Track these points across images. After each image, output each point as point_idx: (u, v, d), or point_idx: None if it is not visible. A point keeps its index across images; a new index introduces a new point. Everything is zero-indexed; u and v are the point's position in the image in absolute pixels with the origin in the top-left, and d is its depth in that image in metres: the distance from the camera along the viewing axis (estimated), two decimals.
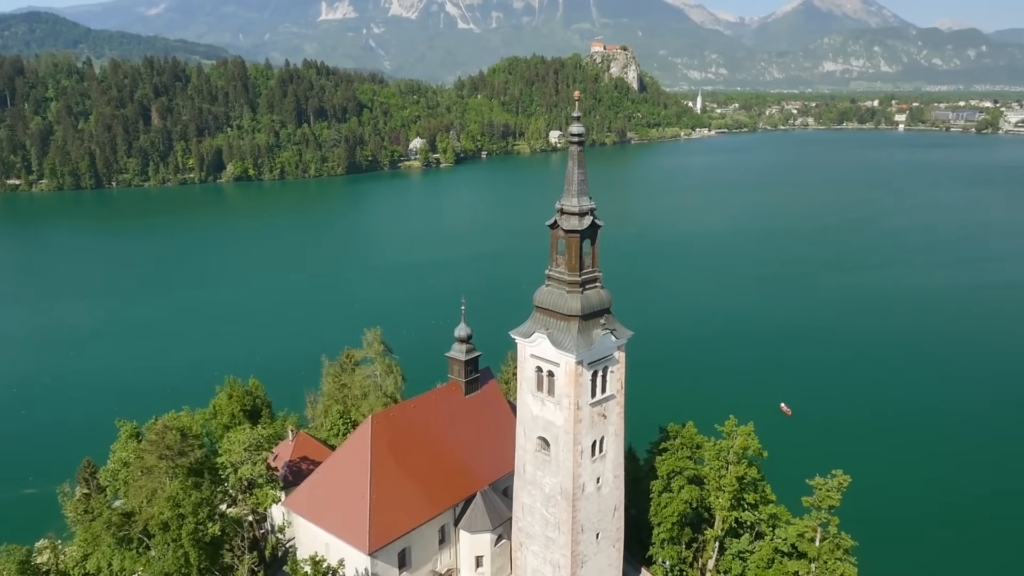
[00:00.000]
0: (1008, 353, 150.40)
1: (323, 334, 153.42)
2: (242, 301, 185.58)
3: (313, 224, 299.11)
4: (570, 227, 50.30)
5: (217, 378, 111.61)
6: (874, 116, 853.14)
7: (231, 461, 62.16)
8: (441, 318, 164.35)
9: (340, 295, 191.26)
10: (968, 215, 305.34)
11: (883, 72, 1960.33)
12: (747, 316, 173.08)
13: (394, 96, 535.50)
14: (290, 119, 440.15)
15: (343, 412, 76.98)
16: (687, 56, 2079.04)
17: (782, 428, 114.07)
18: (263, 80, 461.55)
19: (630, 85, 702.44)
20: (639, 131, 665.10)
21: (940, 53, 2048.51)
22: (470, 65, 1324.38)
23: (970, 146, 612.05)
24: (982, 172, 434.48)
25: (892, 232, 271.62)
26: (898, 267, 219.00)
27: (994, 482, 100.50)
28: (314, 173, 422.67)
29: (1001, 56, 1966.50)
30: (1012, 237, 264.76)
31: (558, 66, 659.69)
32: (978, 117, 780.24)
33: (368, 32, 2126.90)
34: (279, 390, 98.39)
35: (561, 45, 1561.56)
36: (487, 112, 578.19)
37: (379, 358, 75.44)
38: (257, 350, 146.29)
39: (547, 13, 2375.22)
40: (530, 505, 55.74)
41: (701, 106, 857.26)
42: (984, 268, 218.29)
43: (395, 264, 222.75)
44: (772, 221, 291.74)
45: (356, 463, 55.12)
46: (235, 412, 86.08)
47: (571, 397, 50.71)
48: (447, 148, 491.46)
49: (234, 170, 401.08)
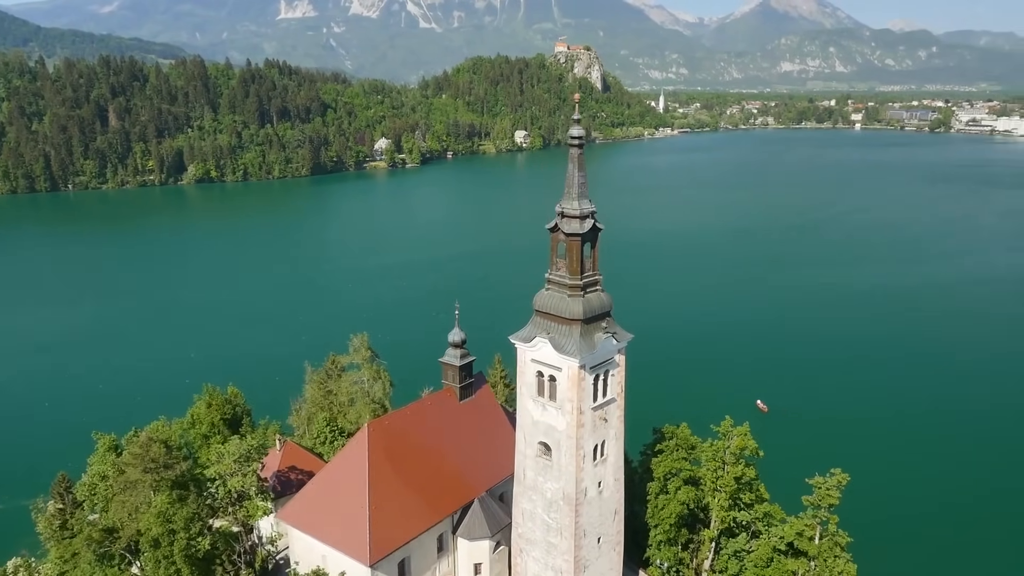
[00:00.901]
0: (977, 345, 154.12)
1: (300, 339, 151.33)
2: (214, 306, 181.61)
3: (282, 226, 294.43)
4: (571, 230, 49.87)
5: (192, 386, 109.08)
6: (831, 115, 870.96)
7: (220, 473, 60.55)
8: (420, 321, 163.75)
9: (315, 299, 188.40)
10: (929, 212, 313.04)
11: (838, 72, 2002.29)
12: (718, 315, 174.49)
13: (358, 96, 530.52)
14: (253, 119, 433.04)
15: (330, 420, 75.50)
16: (648, 56, 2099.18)
17: (759, 425, 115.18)
18: (224, 80, 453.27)
19: (594, 85, 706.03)
20: (604, 131, 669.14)
21: (892, 54, 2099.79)
22: (433, 65, 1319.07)
23: (924, 145, 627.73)
24: (938, 170, 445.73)
25: (857, 229, 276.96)
26: (865, 264, 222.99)
27: (975, 474, 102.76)
28: (278, 174, 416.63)
29: (951, 57, 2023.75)
30: (972, 233, 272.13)
31: (522, 66, 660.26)
32: (931, 116, 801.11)
33: (328, 31, 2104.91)
34: (259, 398, 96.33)
35: (523, 45, 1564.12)
36: (452, 112, 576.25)
37: (366, 364, 74.13)
38: (234, 357, 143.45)
39: (509, 13, 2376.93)
40: (531, 511, 55.17)
41: (664, 106, 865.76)
42: (948, 263, 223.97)
43: (369, 267, 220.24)
44: (740, 220, 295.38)
45: (353, 473, 53.98)
46: (215, 421, 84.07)
47: (574, 401, 50.27)
48: (413, 148, 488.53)
49: (196, 172, 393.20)
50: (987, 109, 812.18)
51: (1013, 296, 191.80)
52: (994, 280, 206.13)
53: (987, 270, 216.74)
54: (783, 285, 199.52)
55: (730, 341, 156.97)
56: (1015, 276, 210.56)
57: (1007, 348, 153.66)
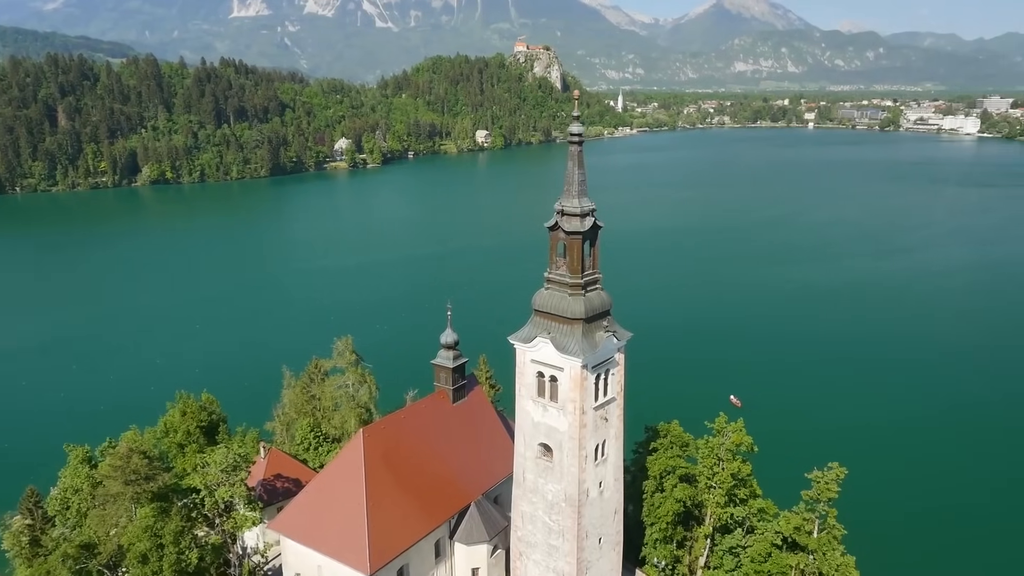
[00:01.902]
0: (942, 337, 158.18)
1: (273, 343, 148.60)
2: (179, 312, 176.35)
3: (245, 228, 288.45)
4: (572, 228, 49.24)
5: (160, 394, 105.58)
6: (785, 115, 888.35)
7: (206, 483, 58.57)
8: (397, 323, 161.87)
9: (285, 302, 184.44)
10: (884, 209, 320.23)
11: (790, 72, 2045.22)
12: (684, 312, 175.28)
13: (317, 96, 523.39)
14: (209, 119, 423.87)
15: (314, 425, 73.70)
16: (605, 56, 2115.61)
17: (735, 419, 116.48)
18: (178, 79, 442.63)
19: (553, 85, 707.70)
20: (564, 130, 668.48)
21: (842, 54, 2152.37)
22: (390, 64, 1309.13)
23: (876, 143, 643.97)
24: (890, 168, 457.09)
25: (818, 226, 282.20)
26: (827, 260, 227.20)
27: (954, 461, 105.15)
28: (236, 175, 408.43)
29: (897, 58, 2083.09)
30: (926, 229, 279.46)
31: (482, 65, 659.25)
32: (881, 115, 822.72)
33: (283, 30, 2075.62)
34: (234, 404, 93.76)
35: (480, 45, 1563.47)
36: (412, 112, 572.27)
37: (351, 367, 72.48)
38: (203, 363, 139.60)
39: (466, 12, 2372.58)
40: (531, 513, 54.42)
41: (622, 105, 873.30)
42: (906, 258, 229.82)
43: (338, 268, 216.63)
44: (704, 218, 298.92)
45: (349, 480, 52.57)
46: (190, 429, 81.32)
47: (577, 402, 49.68)
48: (374, 148, 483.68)
49: (150, 173, 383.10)
50: (933, 108, 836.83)
51: (970, 288, 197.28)
52: (952, 273, 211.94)
53: (944, 264, 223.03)
54: (749, 282, 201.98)
55: (698, 338, 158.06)
56: (971, 269, 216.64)
57: (971, 338, 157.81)
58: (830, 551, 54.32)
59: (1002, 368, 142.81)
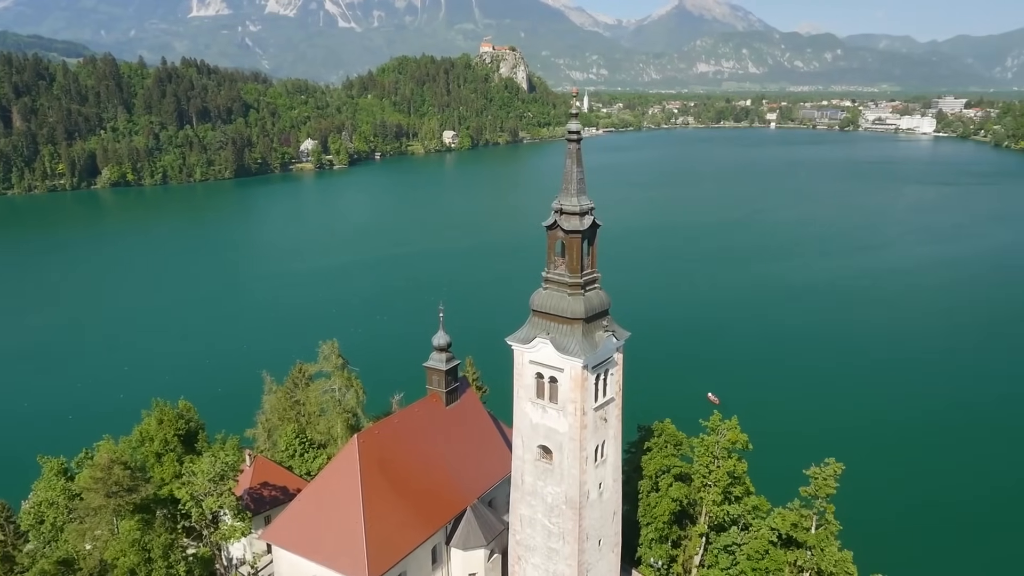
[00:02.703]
0: (908, 333, 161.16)
1: (249, 347, 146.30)
2: (150, 317, 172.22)
3: (212, 230, 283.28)
4: (571, 227, 48.61)
5: (135, 401, 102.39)
6: (748, 115, 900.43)
7: (193, 493, 56.78)
8: (374, 325, 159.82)
9: (258, 306, 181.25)
10: (847, 207, 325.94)
11: (751, 73, 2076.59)
12: (657, 310, 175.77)
13: (281, 96, 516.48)
14: (171, 120, 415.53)
15: (299, 431, 72.04)
16: (569, 57, 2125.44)
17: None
18: (138, 79, 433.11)
19: (520, 85, 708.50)
20: (531, 130, 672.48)
21: (801, 56, 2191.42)
22: (353, 64, 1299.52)
23: (836, 143, 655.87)
24: (851, 167, 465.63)
25: (784, 224, 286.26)
26: (795, 257, 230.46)
27: (933, 457, 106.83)
28: (200, 177, 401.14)
29: (854, 59, 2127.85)
30: (889, 227, 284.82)
31: (448, 66, 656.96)
32: (840, 116, 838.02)
33: (244, 30, 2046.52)
34: (211, 411, 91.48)
35: (444, 45, 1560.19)
36: (378, 112, 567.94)
37: (337, 371, 70.97)
38: (179, 369, 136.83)
39: (430, 13, 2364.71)
40: (530, 517, 53.64)
41: (588, 106, 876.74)
42: (871, 256, 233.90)
43: (311, 271, 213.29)
44: (675, 218, 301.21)
45: (345, 486, 51.25)
46: (168, 438, 79.02)
47: (577, 403, 49.06)
48: (340, 150, 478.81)
49: (111, 175, 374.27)
50: (890, 108, 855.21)
51: (940, 284, 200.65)
52: (921, 270, 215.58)
53: (914, 261, 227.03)
54: (723, 280, 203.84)
55: (674, 335, 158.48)
56: (940, 266, 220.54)
57: (947, 333, 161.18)
58: (828, 546, 54.51)
59: (980, 360, 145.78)
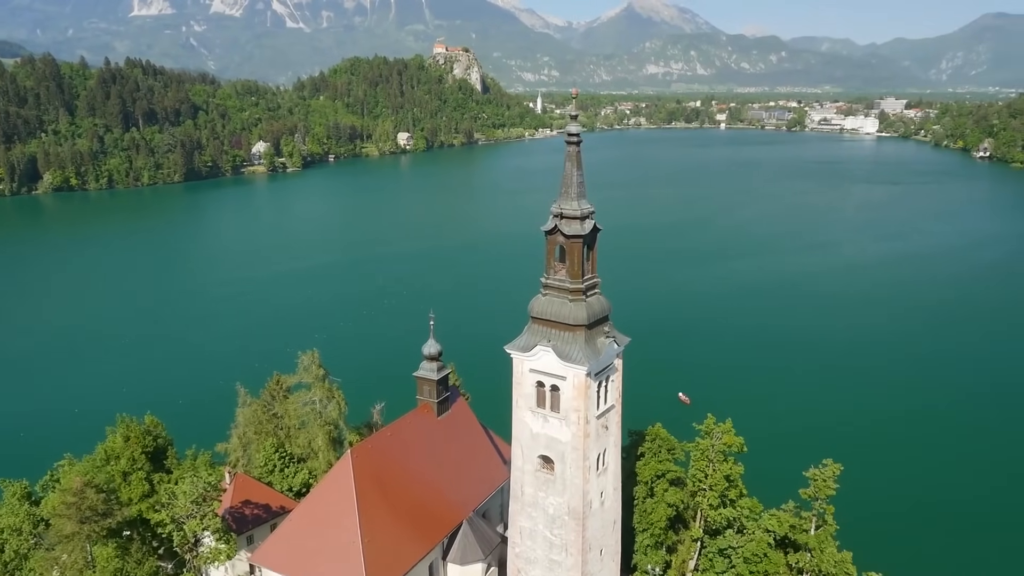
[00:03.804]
0: (869, 328, 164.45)
1: (215, 358, 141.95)
2: (105, 328, 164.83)
3: (163, 236, 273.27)
4: (572, 232, 47.54)
5: (95, 418, 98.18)
6: (699, 116, 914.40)
7: (174, 516, 53.98)
8: (335, 332, 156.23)
9: (220, 314, 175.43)
10: (798, 206, 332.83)
11: (699, 75, 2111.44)
12: (627, 311, 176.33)
13: (231, 98, 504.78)
14: (116, 123, 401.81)
15: (278, 445, 69.38)
16: (520, 58, 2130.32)
17: (685, 417, 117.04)
18: (80, 80, 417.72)
19: (473, 86, 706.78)
20: (485, 132, 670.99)
21: (747, 57, 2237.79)
22: (302, 66, 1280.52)
23: (784, 143, 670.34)
24: (800, 167, 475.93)
25: (740, 223, 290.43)
26: (752, 256, 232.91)
27: (917, 454, 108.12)
28: (148, 181, 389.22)
29: (798, 61, 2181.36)
30: (839, 224, 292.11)
31: (401, 67, 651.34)
32: (787, 116, 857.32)
33: (188, 30, 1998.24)
34: (180, 426, 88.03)
35: (395, 46, 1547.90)
36: (331, 114, 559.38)
37: (318, 383, 68.51)
38: (141, 383, 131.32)
39: (380, 14, 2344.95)
40: (531, 528, 52.35)
41: (541, 107, 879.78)
42: (824, 253, 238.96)
43: (269, 277, 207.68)
44: (632, 218, 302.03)
45: (339, 504, 49.21)
46: (135, 456, 75.60)
47: (581, 411, 47.99)
48: (293, 152, 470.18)
49: (53, 180, 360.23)
50: (835, 109, 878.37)
51: (891, 280, 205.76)
52: (871, 267, 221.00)
53: (861, 257, 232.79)
54: (684, 279, 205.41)
55: (640, 336, 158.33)
56: (888, 262, 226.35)
57: (916, 330, 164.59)
58: (827, 547, 54.53)
59: (957, 355, 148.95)
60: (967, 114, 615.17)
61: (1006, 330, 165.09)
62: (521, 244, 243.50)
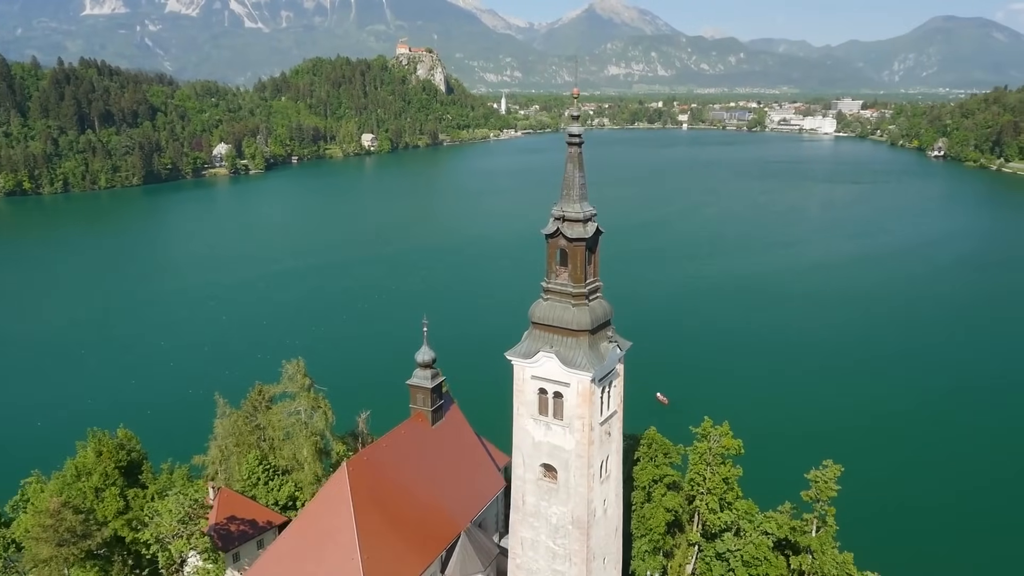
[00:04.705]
0: (843, 326, 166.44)
1: (186, 368, 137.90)
2: (72, 336, 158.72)
3: (124, 240, 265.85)
4: (575, 235, 46.46)
5: (62, 432, 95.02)
6: (661, 116, 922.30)
7: (158, 535, 51.57)
8: (305, 339, 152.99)
9: (191, 321, 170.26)
10: (763, 205, 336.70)
11: (660, 76, 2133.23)
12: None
13: (190, 99, 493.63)
14: (71, 125, 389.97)
15: (262, 458, 67.00)
16: (483, 59, 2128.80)
17: (662, 418, 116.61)
18: (32, 81, 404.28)
19: (438, 87, 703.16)
20: (451, 133, 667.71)
21: (707, 59, 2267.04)
22: (261, 66, 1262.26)
23: (746, 143, 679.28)
24: (763, 167, 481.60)
25: (707, 222, 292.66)
26: (722, 256, 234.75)
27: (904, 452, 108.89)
28: (105, 184, 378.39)
29: (756, 62, 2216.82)
30: (806, 223, 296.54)
31: (364, 68, 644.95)
32: (748, 117, 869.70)
33: (143, 29, 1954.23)
34: (153, 439, 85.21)
35: (356, 47, 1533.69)
36: (294, 115, 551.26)
37: (303, 392, 66.25)
38: (112, 394, 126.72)
39: (340, 14, 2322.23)
40: (532, 539, 51.09)
41: (505, 108, 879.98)
42: (792, 251, 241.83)
43: (236, 283, 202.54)
44: (601, 219, 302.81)
45: (337, 519, 47.34)
46: (108, 471, 72.62)
47: (585, 418, 46.91)
48: (256, 154, 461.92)
49: (4, 183, 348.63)
50: (794, 110, 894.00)
51: (864, 278, 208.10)
52: (843, 265, 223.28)
53: (832, 256, 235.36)
54: (653, 279, 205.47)
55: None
56: (860, 260, 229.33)
57: (877, 326, 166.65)
58: (829, 549, 54.28)
59: (940, 351, 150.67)
60: (921, 114, 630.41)
61: (988, 325, 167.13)
62: (495, 246, 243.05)
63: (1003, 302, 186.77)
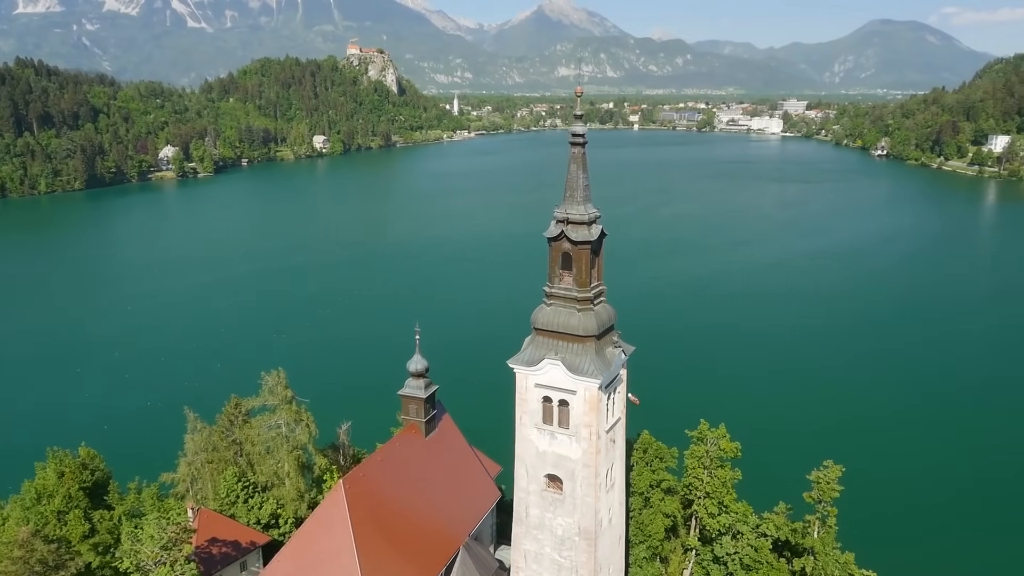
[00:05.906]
0: (811, 323, 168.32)
1: (149, 380, 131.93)
2: (16, 351, 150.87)
3: (58, 247, 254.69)
4: (580, 238, 45.17)
5: (21, 453, 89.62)
6: (612, 117, 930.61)
7: (139, 563, 48.31)
8: (275, 348, 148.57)
9: (145, 330, 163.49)
10: (717, 205, 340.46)
11: (610, 77, 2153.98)
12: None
13: (134, 100, 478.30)
14: (7, 127, 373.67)
15: (240, 475, 63.93)
16: (433, 60, 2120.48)
17: (637, 419, 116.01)
18: None
19: (389, 88, 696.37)
20: (403, 134, 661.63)
21: (655, 60, 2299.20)
22: (206, 67, 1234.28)
23: (696, 143, 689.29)
24: (714, 167, 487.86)
25: (662, 222, 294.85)
26: (680, 255, 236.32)
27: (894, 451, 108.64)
28: (45, 189, 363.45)
29: (703, 64, 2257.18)
30: (761, 222, 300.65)
31: (314, 68, 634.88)
32: (697, 117, 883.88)
33: (79, 29, 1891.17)
34: (118, 456, 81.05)
35: (304, 47, 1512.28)
36: (243, 117, 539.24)
37: (284, 405, 63.38)
38: (70, 411, 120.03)
39: (286, 14, 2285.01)
40: (536, 552, 49.58)
41: (458, 109, 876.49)
42: (751, 250, 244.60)
43: (187, 289, 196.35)
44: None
45: (334, 540, 45.04)
46: (71, 493, 68.62)
47: (592, 427, 45.64)
48: (204, 156, 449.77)
49: None
50: (741, 110, 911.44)
51: (825, 277, 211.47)
52: (801, 264, 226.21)
53: (788, 254, 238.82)
54: (620, 280, 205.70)
55: None
56: (819, 257, 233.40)
57: (848, 324, 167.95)
58: (831, 550, 54.03)
59: (928, 350, 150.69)
60: (864, 115, 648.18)
61: (988, 321, 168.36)
62: (458, 248, 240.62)
63: (1003, 301, 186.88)
